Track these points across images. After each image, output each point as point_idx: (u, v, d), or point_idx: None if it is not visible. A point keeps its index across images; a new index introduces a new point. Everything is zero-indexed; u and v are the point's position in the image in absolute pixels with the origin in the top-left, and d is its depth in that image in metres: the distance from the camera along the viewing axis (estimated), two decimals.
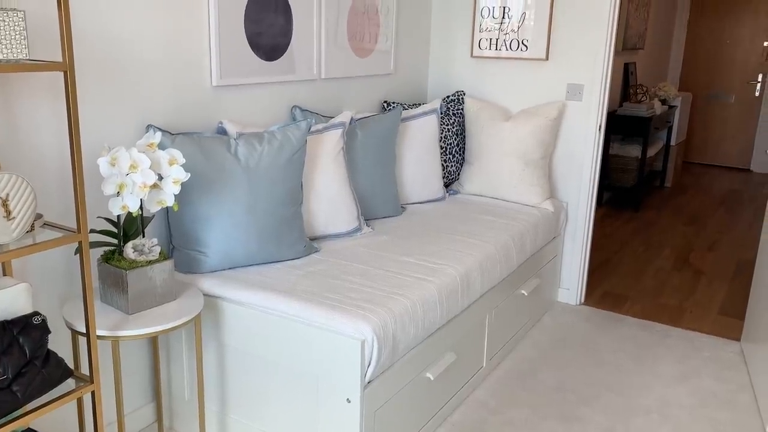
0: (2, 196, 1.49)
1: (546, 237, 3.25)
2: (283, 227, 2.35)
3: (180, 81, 2.33)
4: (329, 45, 3.00)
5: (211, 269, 2.25)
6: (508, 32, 3.50)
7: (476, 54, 3.62)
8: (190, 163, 2.16)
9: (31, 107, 1.87)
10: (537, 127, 3.30)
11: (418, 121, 3.22)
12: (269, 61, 2.69)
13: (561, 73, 3.42)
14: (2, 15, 1.45)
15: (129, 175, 1.79)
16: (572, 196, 3.53)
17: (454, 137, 3.46)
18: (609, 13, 3.25)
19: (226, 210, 2.22)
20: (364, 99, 3.34)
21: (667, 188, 6.60)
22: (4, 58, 1.47)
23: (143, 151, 1.86)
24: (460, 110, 3.51)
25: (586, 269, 3.64)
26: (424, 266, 2.40)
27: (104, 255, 1.93)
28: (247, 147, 2.29)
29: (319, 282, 2.20)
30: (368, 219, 2.93)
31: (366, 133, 2.88)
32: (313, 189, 2.59)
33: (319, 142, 2.64)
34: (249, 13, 2.54)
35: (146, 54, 2.18)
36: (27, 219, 1.55)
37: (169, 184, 1.88)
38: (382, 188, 2.95)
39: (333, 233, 2.65)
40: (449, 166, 3.47)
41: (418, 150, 3.20)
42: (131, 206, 1.80)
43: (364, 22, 3.20)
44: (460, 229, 2.87)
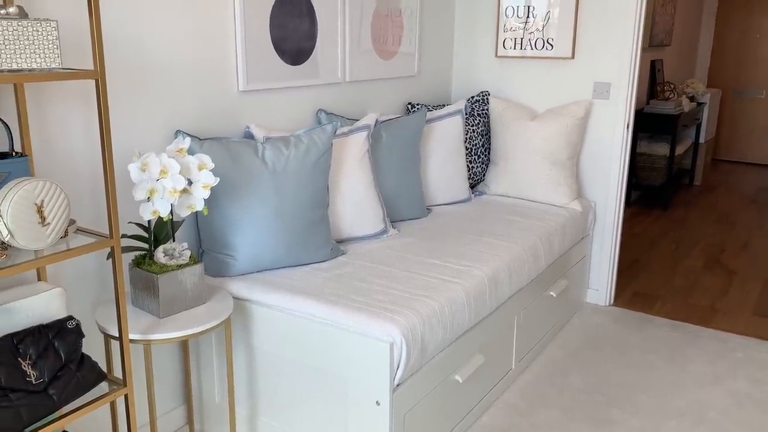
0: (37, 203, 1.51)
1: (574, 237, 3.22)
2: (310, 230, 2.36)
3: (207, 86, 2.35)
4: (353, 48, 3.00)
5: (239, 272, 2.27)
6: (532, 31, 3.48)
7: (501, 54, 3.60)
8: (218, 168, 2.18)
9: (63, 114, 1.90)
10: (564, 126, 3.27)
11: (443, 122, 3.21)
12: (294, 66, 2.71)
13: (587, 71, 3.39)
14: (35, 25, 1.48)
15: (159, 180, 1.81)
16: (600, 196, 3.49)
17: (479, 138, 3.45)
18: (635, 10, 3.21)
19: (254, 213, 2.24)
20: (389, 101, 3.34)
21: (696, 186, 6.50)
22: (37, 66, 1.50)
23: (173, 156, 1.88)
24: (485, 110, 3.50)
25: (615, 269, 3.59)
26: (450, 268, 2.39)
27: (135, 259, 1.96)
28: (274, 151, 2.30)
29: (346, 284, 2.20)
30: (394, 221, 2.92)
31: (391, 135, 2.88)
32: (339, 192, 2.60)
33: (345, 144, 2.64)
34: (274, 18, 2.56)
35: (174, 60, 2.21)
36: (61, 225, 1.57)
37: (199, 189, 1.90)
38: (407, 190, 2.94)
39: (359, 235, 2.65)
40: (475, 166, 3.45)
41: (443, 151, 3.19)
42: (162, 211, 1.82)
43: (388, 24, 3.20)
44: (486, 230, 2.85)
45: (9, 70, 1.46)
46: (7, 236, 1.47)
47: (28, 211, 1.49)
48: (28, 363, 1.58)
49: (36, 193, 1.51)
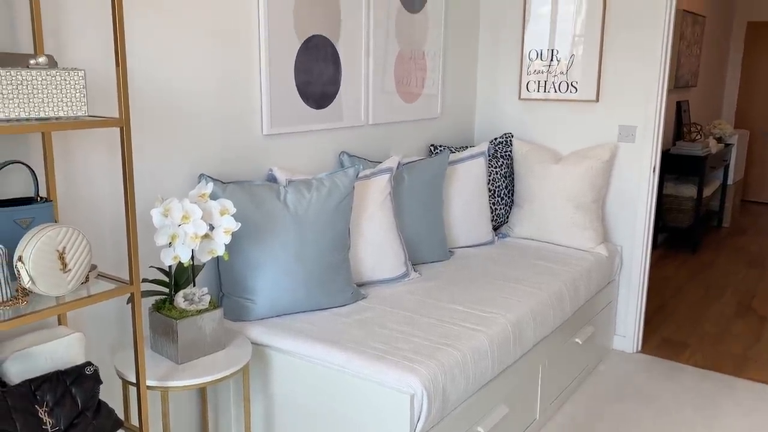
0: (59, 249, 1.52)
1: (600, 282, 3.15)
2: (330, 274, 2.34)
3: (232, 131, 2.37)
4: (377, 91, 3.02)
5: (259, 317, 2.25)
6: (556, 74, 3.47)
7: (524, 96, 3.60)
8: (240, 212, 2.18)
9: (88, 159, 1.92)
10: (588, 169, 3.23)
11: (466, 164, 3.19)
12: (318, 109, 2.73)
13: (612, 114, 3.36)
14: (64, 74, 1.51)
15: (181, 225, 1.81)
16: (626, 240, 3.43)
17: (502, 180, 3.42)
18: (661, 54, 3.19)
19: (274, 257, 2.23)
20: (412, 143, 3.34)
21: (725, 228, 6.37)
22: (64, 115, 1.52)
23: (195, 201, 1.88)
24: (508, 152, 3.48)
25: (643, 315, 3.50)
26: (473, 314, 2.35)
27: (155, 304, 1.95)
28: (295, 194, 2.30)
29: (366, 331, 2.17)
30: (416, 264, 2.89)
31: (413, 178, 2.87)
32: (360, 234, 2.58)
33: (367, 187, 2.64)
34: (299, 63, 2.59)
35: (200, 105, 2.23)
36: (82, 271, 1.57)
37: (220, 234, 1.90)
38: (429, 232, 2.92)
39: (380, 279, 2.63)
40: (498, 209, 3.42)
41: (466, 193, 3.16)
42: (183, 257, 1.82)
43: (411, 67, 3.23)
44: (510, 274, 2.80)
45: (37, 118, 1.48)
46: (29, 282, 1.47)
47: (49, 257, 1.50)
48: (44, 410, 1.57)
49: (58, 239, 1.52)
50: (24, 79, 1.45)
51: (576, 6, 3.36)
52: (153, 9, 2.03)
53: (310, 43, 2.63)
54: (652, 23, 3.19)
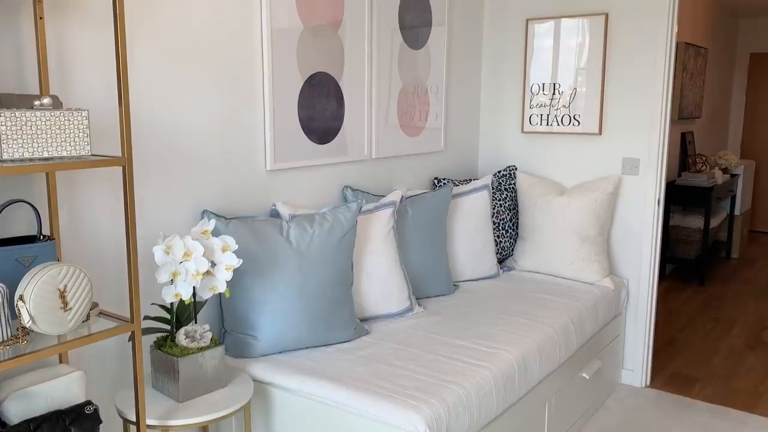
0: (60, 288, 1.52)
1: (607, 316, 3.12)
2: (333, 309, 2.33)
3: (235, 167, 2.39)
4: (380, 126, 3.05)
5: (261, 353, 2.23)
6: (559, 108, 3.49)
7: (527, 129, 3.61)
8: (243, 248, 2.18)
9: (91, 197, 1.94)
10: (593, 202, 3.23)
11: (470, 197, 3.19)
12: (321, 144, 2.75)
13: (615, 147, 3.37)
14: (67, 114, 1.53)
15: (183, 263, 1.81)
16: (632, 272, 3.40)
17: (506, 212, 3.42)
18: (663, 86, 3.21)
19: (277, 293, 2.22)
20: (415, 176, 3.36)
21: (734, 260, 6.32)
22: (67, 154, 1.54)
23: (197, 238, 1.89)
24: (512, 185, 3.48)
25: (651, 349, 3.46)
26: (478, 350, 2.32)
27: (157, 341, 1.94)
28: (298, 229, 2.30)
29: (369, 368, 2.15)
30: (420, 298, 2.88)
31: (417, 211, 2.87)
32: (363, 269, 2.58)
33: (370, 221, 2.64)
34: (302, 99, 2.62)
35: (203, 141, 2.25)
36: (83, 310, 1.57)
37: (222, 271, 1.90)
38: (433, 266, 2.91)
39: (384, 314, 2.61)
40: (503, 241, 3.41)
41: (470, 226, 3.16)
42: (184, 294, 1.82)
43: (414, 101, 3.25)
44: (515, 308, 2.78)
45: (41, 158, 1.50)
46: (29, 322, 1.47)
47: (50, 296, 1.50)
48: None
49: (59, 278, 1.52)
50: (28, 119, 1.47)
51: (577, 40, 3.40)
52: (157, 48, 2.07)
53: (313, 80, 2.66)
54: (653, 56, 3.22)
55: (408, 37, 3.15)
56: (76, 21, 1.84)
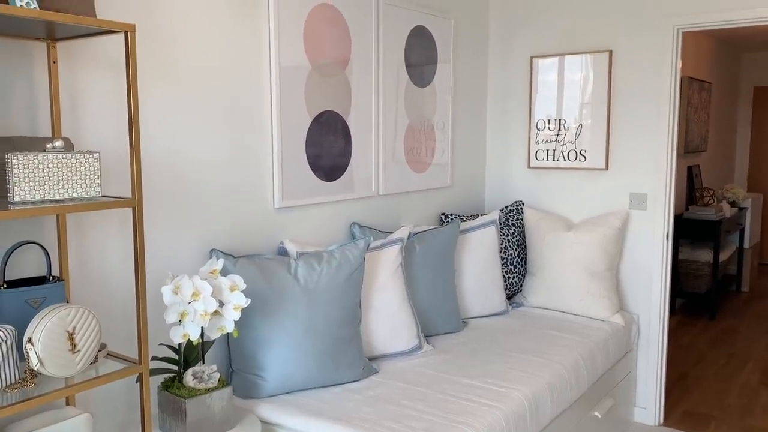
0: (69, 330, 1.52)
1: (618, 353, 3.08)
2: (341, 348, 2.31)
3: (244, 205, 2.40)
4: (387, 162, 3.06)
5: (269, 394, 2.21)
6: (565, 143, 3.51)
7: (533, 165, 3.63)
8: (251, 287, 2.17)
9: (100, 237, 1.95)
10: (601, 237, 3.22)
11: (477, 232, 3.19)
12: (329, 181, 2.76)
13: (622, 182, 3.37)
14: (79, 157, 1.54)
15: (191, 303, 1.80)
16: (643, 308, 3.37)
17: (514, 248, 3.41)
18: (668, 121, 3.23)
19: (285, 332, 2.21)
20: (422, 212, 3.36)
21: (745, 293, 6.25)
22: (78, 196, 1.55)
23: (206, 277, 1.88)
24: (519, 220, 3.48)
25: (663, 386, 3.40)
26: (488, 389, 2.29)
27: (164, 382, 1.92)
28: (306, 267, 2.30)
29: (378, 409, 2.12)
30: (428, 335, 2.85)
31: (424, 247, 2.87)
32: (371, 307, 2.56)
33: (378, 258, 2.63)
34: (310, 137, 2.64)
35: (212, 180, 2.27)
36: (91, 351, 1.57)
37: (230, 311, 1.89)
38: (442, 303, 2.89)
39: (393, 352, 2.58)
40: (511, 277, 3.39)
41: (478, 262, 3.15)
42: (192, 335, 1.81)
43: (421, 137, 3.28)
44: (525, 346, 2.75)
45: (52, 200, 1.51)
46: (37, 365, 1.47)
47: (59, 338, 1.49)
48: None
49: (68, 320, 1.52)
50: (40, 162, 1.49)
51: (582, 76, 3.43)
52: (166, 88, 2.10)
53: (321, 118, 2.69)
54: (658, 91, 3.24)
55: (414, 74, 3.19)
56: (88, 65, 1.87)
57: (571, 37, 3.47)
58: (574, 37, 3.46)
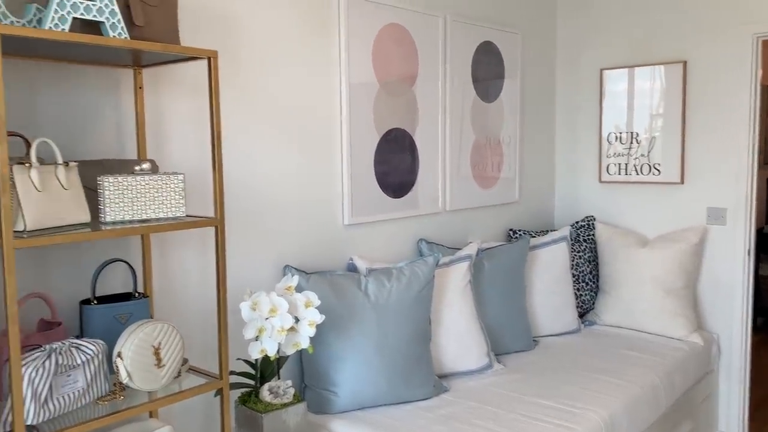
0: (155, 345, 1.57)
1: (697, 374, 2.96)
2: (412, 366, 2.31)
3: (315, 223, 2.44)
4: (453, 178, 3.06)
5: (341, 410, 2.23)
6: (637, 157, 3.42)
7: (605, 179, 3.54)
8: (323, 303, 2.20)
9: (181, 254, 2.02)
10: (677, 253, 3.11)
11: (548, 249, 3.14)
12: (396, 198, 2.78)
13: (699, 196, 3.25)
14: (165, 179, 1.61)
15: (268, 319, 1.84)
16: (723, 327, 3.23)
17: (586, 264, 3.33)
18: (748, 132, 3.10)
19: (356, 349, 2.22)
20: (490, 228, 3.33)
21: None
22: (164, 216, 1.61)
23: (282, 294, 1.92)
24: (590, 236, 3.40)
25: (747, 408, 3.24)
26: (562, 410, 2.24)
27: (241, 397, 1.97)
28: (376, 284, 2.32)
29: (449, 427, 2.10)
30: (498, 354, 2.81)
31: (493, 264, 2.84)
32: (441, 324, 2.55)
33: (446, 275, 2.62)
34: (378, 155, 2.67)
35: (285, 199, 2.32)
36: (175, 366, 1.62)
37: (305, 327, 1.92)
38: (512, 321, 2.85)
39: (462, 370, 2.56)
40: (583, 295, 3.31)
41: (548, 279, 3.09)
42: (270, 350, 1.84)
43: (487, 153, 3.26)
44: (599, 366, 2.68)
45: (139, 220, 1.58)
46: (126, 378, 1.53)
47: (146, 353, 1.55)
48: None
49: (154, 335, 1.58)
50: (129, 184, 1.56)
51: (654, 88, 3.34)
52: (241, 109, 2.16)
53: (389, 135, 2.71)
54: (737, 101, 3.12)
55: (481, 90, 3.18)
56: (170, 89, 1.96)
57: (642, 48, 3.39)
58: (645, 48, 3.38)
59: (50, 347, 1.44)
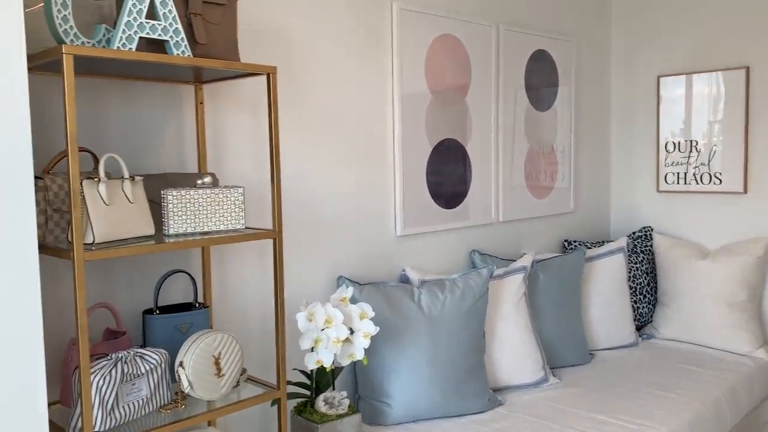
0: (215, 355, 1.60)
1: (764, 391, 2.84)
2: (466, 378, 2.29)
3: (367, 234, 2.45)
4: (506, 188, 3.03)
5: (394, 422, 2.22)
6: (697, 165, 3.32)
7: (663, 188, 3.45)
8: (376, 314, 2.21)
9: (239, 265, 2.05)
10: (741, 265, 3.00)
11: (604, 260, 3.07)
12: (448, 209, 2.76)
13: (763, 206, 3.13)
14: (225, 192, 1.64)
15: (324, 330, 1.86)
16: None
17: (643, 276, 3.25)
18: None
19: (410, 360, 2.22)
20: (544, 239, 3.28)
21: None
22: (224, 228, 1.65)
23: (336, 305, 1.94)
24: (648, 247, 3.31)
25: None
26: (622, 426, 2.18)
27: (297, 407, 1.99)
28: (429, 295, 2.31)
29: None
30: (554, 367, 2.76)
31: (548, 276, 2.79)
32: (495, 336, 2.52)
33: (500, 287, 2.59)
34: (430, 165, 2.66)
35: (339, 210, 2.34)
36: (234, 376, 1.65)
37: (360, 338, 1.93)
38: (567, 334, 2.79)
39: (517, 384, 2.52)
40: (641, 307, 3.23)
41: (605, 291, 3.02)
42: (326, 361, 1.86)
43: (540, 162, 3.21)
44: (659, 381, 2.60)
45: (201, 232, 1.61)
46: (187, 387, 1.56)
47: (207, 363, 1.59)
48: None
49: (215, 345, 1.61)
50: (192, 198, 1.60)
51: (714, 95, 3.24)
52: (298, 125, 2.20)
53: (441, 146, 2.70)
54: None
55: (534, 98, 3.14)
56: (228, 104, 2.00)
57: (701, 54, 3.29)
58: (705, 54, 3.28)
59: (116, 356, 1.48)
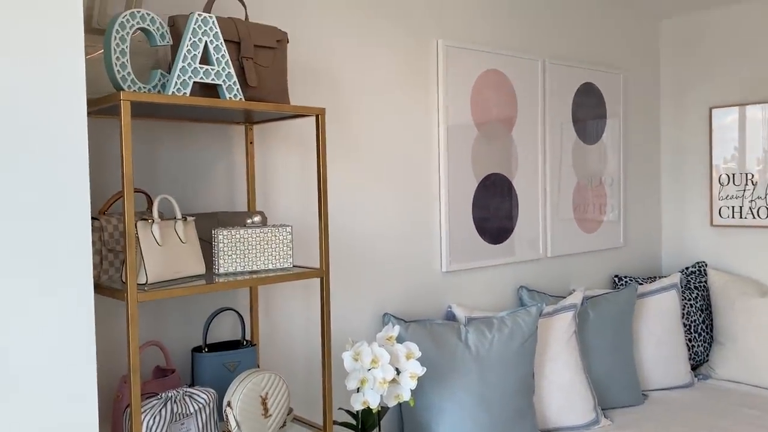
0: (262, 395, 1.60)
1: None
2: (515, 420, 2.23)
3: (413, 270, 2.43)
4: (554, 223, 2.98)
5: None
6: (753, 199, 3.21)
7: (717, 222, 3.34)
8: (422, 352, 2.18)
9: (286, 303, 2.06)
10: None
11: (656, 297, 2.97)
12: (495, 244, 2.73)
13: None
14: (275, 231, 1.66)
15: (370, 370, 1.84)
16: None
17: (698, 313, 3.13)
18: None
19: (457, 401, 2.17)
20: (593, 275, 3.20)
21: None
22: (273, 267, 1.65)
23: (383, 344, 1.92)
24: (702, 283, 3.20)
25: None
26: None
27: None
28: (476, 334, 2.27)
29: None
30: (605, 408, 2.67)
31: (598, 313, 2.72)
32: (544, 376, 2.46)
33: (550, 325, 2.53)
34: (477, 200, 2.64)
35: (384, 247, 2.33)
36: (281, 416, 1.64)
37: (406, 379, 1.90)
38: (619, 374, 2.70)
39: (567, 426, 2.45)
40: (696, 346, 3.11)
41: (658, 329, 2.92)
42: (372, 402, 1.83)
43: (589, 195, 3.16)
44: (716, 423, 2.48)
45: (250, 271, 1.63)
46: (235, 428, 1.56)
47: (254, 403, 1.58)
48: None
49: (262, 385, 1.60)
50: (242, 237, 1.61)
51: (764, 119, 3.14)
52: (345, 164, 2.21)
53: (487, 181, 2.68)
54: None
55: (581, 131, 3.10)
56: (277, 143, 2.03)
57: (754, 85, 3.21)
58: (758, 85, 3.20)
59: (166, 395, 1.49)
